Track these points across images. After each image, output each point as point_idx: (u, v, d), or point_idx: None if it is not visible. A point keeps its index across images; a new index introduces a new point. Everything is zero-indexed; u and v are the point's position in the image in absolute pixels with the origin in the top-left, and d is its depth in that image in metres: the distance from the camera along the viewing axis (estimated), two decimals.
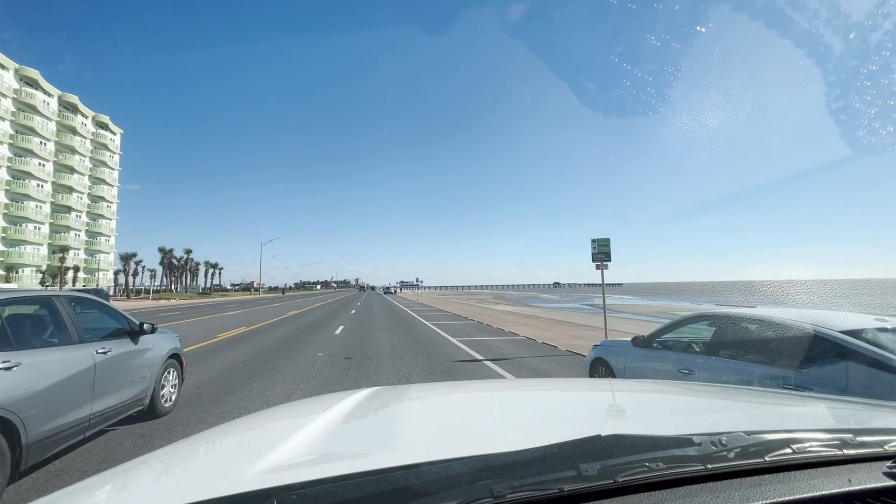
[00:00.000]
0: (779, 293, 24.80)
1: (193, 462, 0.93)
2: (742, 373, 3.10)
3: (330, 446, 0.98)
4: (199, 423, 4.32)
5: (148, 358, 4.19)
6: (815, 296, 21.20)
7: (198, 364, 7.52)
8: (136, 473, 0.86)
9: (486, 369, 7.59)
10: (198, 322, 16.74)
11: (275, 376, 6.71)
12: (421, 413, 1.30)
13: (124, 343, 3.91)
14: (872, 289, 52.93)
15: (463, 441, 1.01)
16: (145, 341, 4.20)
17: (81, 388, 3.23)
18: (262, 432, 1.15)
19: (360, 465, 0.76)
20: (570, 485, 0.68)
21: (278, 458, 0.85)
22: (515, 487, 0.65)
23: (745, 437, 0.83)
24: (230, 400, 5.25)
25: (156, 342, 4.41)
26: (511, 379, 6.39)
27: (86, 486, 0.79)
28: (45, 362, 2.92)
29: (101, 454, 3.54)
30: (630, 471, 0.72)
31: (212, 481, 0.79)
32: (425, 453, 0.83)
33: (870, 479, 0.79)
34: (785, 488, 0.75)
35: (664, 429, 1.04)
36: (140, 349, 4.08)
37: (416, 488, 0.64)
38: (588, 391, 1.76)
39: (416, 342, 11.09)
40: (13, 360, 2.68)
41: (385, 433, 1.07)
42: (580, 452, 0.74)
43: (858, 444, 0.87)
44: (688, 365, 3.57)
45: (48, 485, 2.98)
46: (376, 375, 6.86)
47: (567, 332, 13.40)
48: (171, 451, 0.99)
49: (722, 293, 66.91)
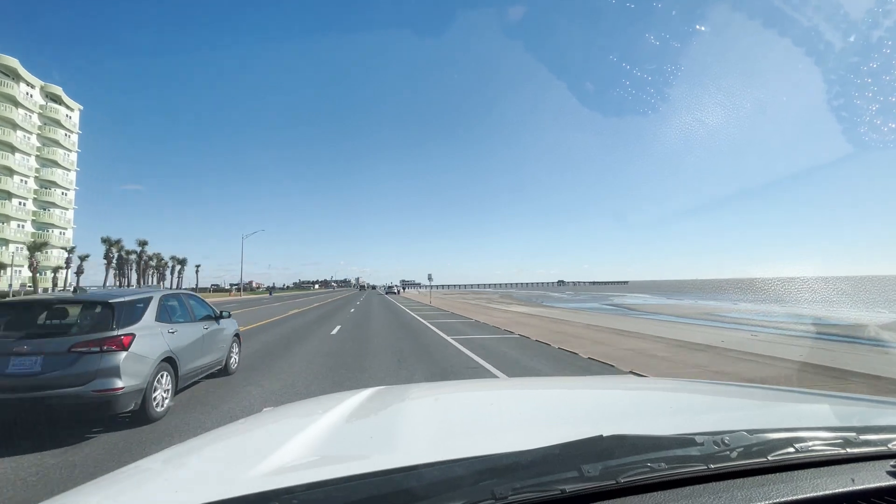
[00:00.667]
0: (781, 290, 23.70)
1: (193, 465, 0.92)
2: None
3: (331, 448, 0.97)
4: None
5: (224, 335, 6.32)
6: (816, 293, 19.94)
7: None
8: (136, 477, 0.86)
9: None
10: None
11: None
12: (422, 413, 1.31)
13: (213, 324, 5.97)
14: (875, 285, 48.09)
15: (464, 442, 1.01)
16: (223, 323, 6.30)
17: (198, 348, 5.36)
18: (263, 434, 1.15)
19: (361, 466, 0.74)
20: (572, 486, 0.67)
21: (279, 460, 0.84)
22: (517, 489, 0.65)
23: (747, 437, 0.82)
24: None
25: (227, 324, 6.49)
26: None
27: (83, 490, 0.78)
28: (184, 331, 5.07)
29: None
30: (632, 471, 0.71)
31: (211, 484, 0.78)
32: (426, 454, 0.83)
33: (873, 478, 0.78)
34: (788, 488, 0.74)
35: (666, 428, 1.03)
36: (220, 328, 6.17)
37: (418, 490, 0.64)
38: (589, 390, 1.74)
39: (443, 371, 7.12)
40: (172, 329, 4.83)
41: (386, 434, 1.07)
42: (582, 453, 0.73)
43: (862, 442, 0.86)
44: None
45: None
46: None
47: (626, 344, 10.14)
48: (170, 454, 0.98)
49: (731, 290, 59.47)
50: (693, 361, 8.14)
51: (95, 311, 4.28)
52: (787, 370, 7.35)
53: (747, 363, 7.92)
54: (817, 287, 22.03)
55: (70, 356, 3.75)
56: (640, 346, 10.13)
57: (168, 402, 4.57)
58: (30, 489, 2.92)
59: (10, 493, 2.89)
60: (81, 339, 3.86)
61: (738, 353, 8.95)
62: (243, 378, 6.38)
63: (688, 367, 7.62)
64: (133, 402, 4.00)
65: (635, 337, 11.87)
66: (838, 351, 9.99)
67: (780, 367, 7.64)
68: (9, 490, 2.92)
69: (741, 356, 8.54)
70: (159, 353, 4.42)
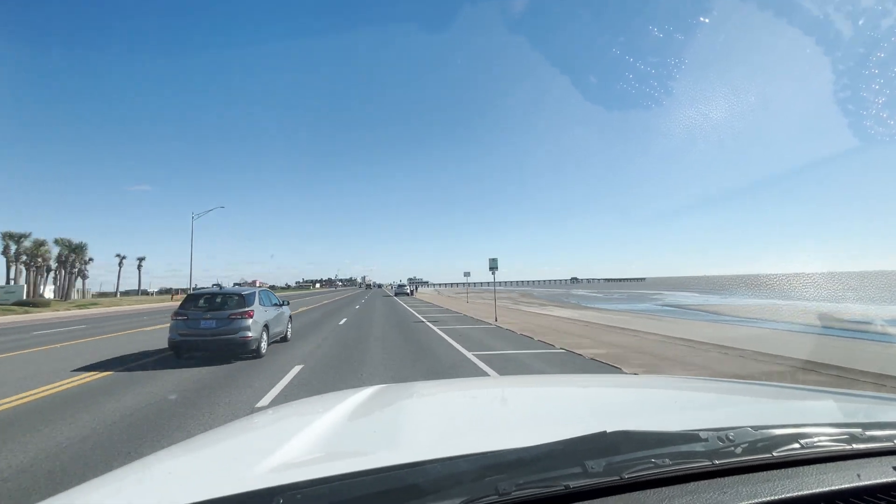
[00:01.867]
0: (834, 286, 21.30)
1: (197, 462, 0.94)
2: None
3: (335, 444, 0.98)
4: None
5: (285, 315, 10.37)
6: (822, 289, 19.47)
7: None
8: (139, 474, 0.87)
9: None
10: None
11: None
12: (426, 410, 1.32)
13: (280, 308, 10.00)
14: (882, 281, 42.11)
15: (468, 438, 1.01)
16: (284, 309, 10.30)
17: (275, 322, 9.34)
18: (268, 431, 1.18)
19: (364, 463, 0.76)
20: (576, 481, 0.67)
21: (283, 456, 0.85)
22: (521, 485, 0.65)
23: (752, 433, 0.82)
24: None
25: (286, 310, 10.51)
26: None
27: (88, 487, 0.79)
28: (270, 311, 9.14)
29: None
30: (636, 467, 0.71)
31: (217, 480, 0.79)
32: (430, 451, 0.83)
33: (879, 473, 0.78)
34: (793, 484, 0.74)
35: (670, 424, 1.00)
36: (284, 311, 10.26)
37: (421, 486, 0.64)
38: (593, 387, 1.78)
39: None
40: (265, 309, 8.87)
41: (390, 431, 1.08)
42: (586, 449, 0.73)
43: (868, 438, 0.86)
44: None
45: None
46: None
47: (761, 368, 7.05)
48: (175, 452, 0.99)
49: (771, 287, 50.79)
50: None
51: (236, 297, 8.44)
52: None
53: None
54: (822, 282, 19.68)
55: (228, 320, 7.82)
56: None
57: (266, 348, 8.49)
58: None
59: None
60: (232, 312, 7.94)
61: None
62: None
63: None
64: (255, 344, 7.97)
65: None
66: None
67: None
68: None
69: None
70: (262, 321, 8.48)
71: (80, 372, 7.05)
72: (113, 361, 8.06)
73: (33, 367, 7.59)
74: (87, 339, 11.93)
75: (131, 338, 12.14)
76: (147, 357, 8.47)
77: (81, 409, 4.94)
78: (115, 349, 9.62)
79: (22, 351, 9.81)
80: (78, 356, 8.72)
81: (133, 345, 10.40)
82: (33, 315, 25.44)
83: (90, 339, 12.14)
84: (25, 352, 9.69)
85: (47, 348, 10.21)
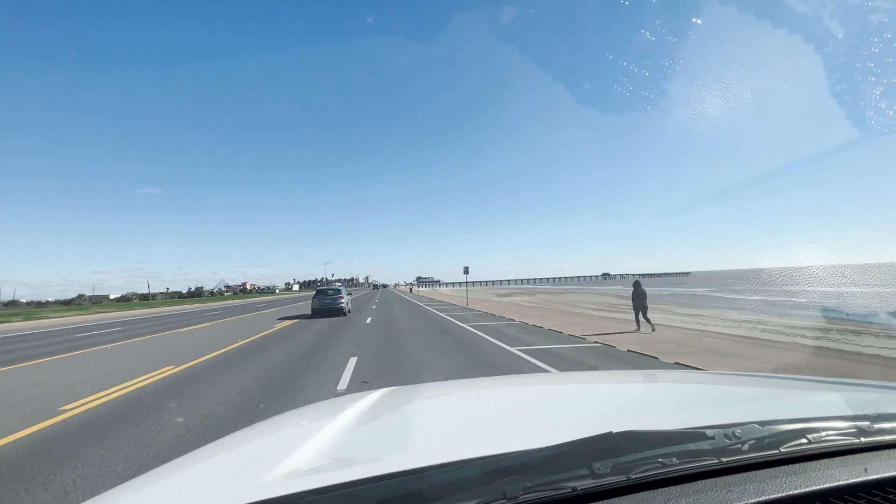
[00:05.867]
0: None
1: (207, 471, 0.92)
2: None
3: (343, 451, 0.97)
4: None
5: (347, 298, 20.79)
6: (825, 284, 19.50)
7: None
8: (149, 487, 0.85)
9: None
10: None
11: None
12: (433, 414, 1.30)
13: (346, 295, 20.89)
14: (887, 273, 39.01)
15: (474, 442, 0.98)
16: (345, 295, 20.50)
17: (346, 301, 20.72)
18: (276, 438, 1.16)
19: (371, 470, 0.72)
20: (583, 483, 0.67)
21: (291, 465, 0.84)
22: (528, 488, 0.65)
23: (759, 429, 0.81)
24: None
25: (346, 296, 20.61)
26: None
27: (94, 502, 0.78)
28: (345, 296, 20.58)
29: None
30: (643, 467, 0.71)
31: (223, 491, 0.78)
32: (437, 456, 0.79)
33: (887, 467, 0.77)
34: (801, 480, 0.73)
35: (676, 423, 0.95)
36: (346, 295, 20.83)
37: (428, 492, 0.64)
38: (598, 384, 1.77)
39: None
40: (346, 295, 20.88)
41: (397, 436, 1.06)
42: (592, 451, 0.73)
43: (876, 431, 0.85)
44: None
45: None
46: None
47: None
48: (184, 462, 0.98)
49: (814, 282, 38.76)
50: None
51: (335, 288, 20.96)
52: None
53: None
54: (824, 276, 20.01)
55: (335, 298, 19.81)
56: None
57: (349, 311, 20.28)
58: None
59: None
60: (336, 295, 20.15)
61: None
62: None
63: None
64: (346, 310, 19.82)
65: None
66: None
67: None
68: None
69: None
70: (347, 299, 20.59)
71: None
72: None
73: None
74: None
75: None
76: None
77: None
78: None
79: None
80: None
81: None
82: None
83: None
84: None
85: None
